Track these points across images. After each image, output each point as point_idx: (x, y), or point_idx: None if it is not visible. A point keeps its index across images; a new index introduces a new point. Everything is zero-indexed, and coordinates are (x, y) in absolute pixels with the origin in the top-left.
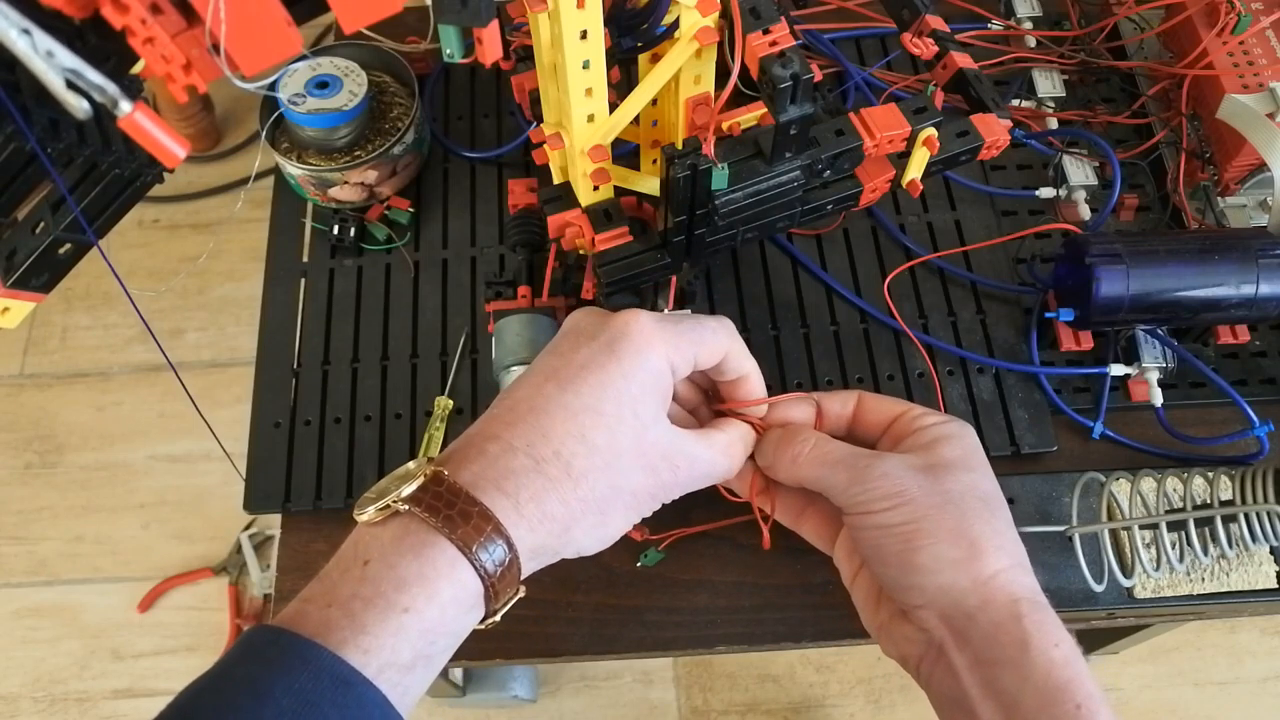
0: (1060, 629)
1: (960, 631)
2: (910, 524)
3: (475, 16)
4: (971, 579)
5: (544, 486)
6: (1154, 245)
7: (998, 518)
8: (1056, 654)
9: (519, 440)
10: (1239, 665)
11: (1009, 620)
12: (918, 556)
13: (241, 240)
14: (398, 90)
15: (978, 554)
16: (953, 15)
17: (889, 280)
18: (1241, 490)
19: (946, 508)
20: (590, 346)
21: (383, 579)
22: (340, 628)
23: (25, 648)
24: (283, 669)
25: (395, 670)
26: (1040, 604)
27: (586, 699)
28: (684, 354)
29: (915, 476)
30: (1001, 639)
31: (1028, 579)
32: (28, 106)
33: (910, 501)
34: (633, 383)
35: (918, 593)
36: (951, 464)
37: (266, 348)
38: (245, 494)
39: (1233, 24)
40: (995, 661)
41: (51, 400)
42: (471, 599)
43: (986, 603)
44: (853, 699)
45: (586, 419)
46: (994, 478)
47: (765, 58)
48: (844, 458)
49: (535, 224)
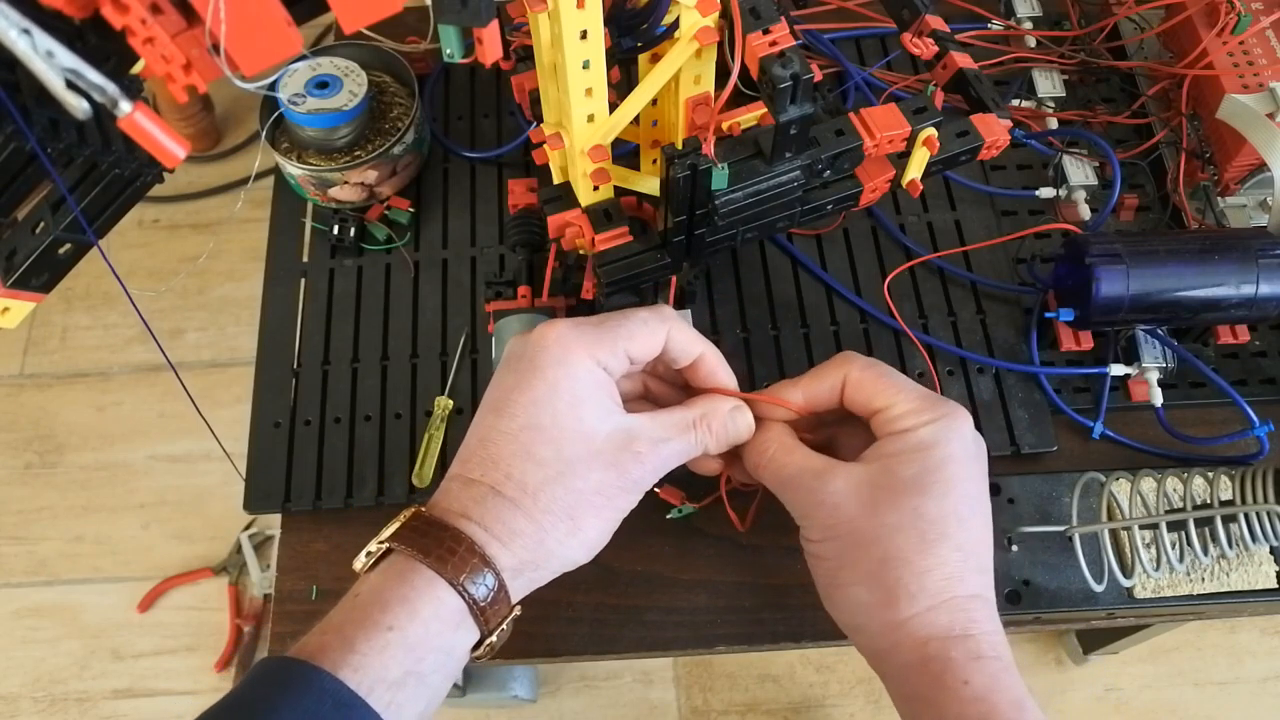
0: (975, 661)
1: (878, 667)
2: (834, 560)
3: (475, 16)
4: (881, 624)
5: (505, 507)
6: (1154, 245)
7: (934, 551)
8: (966, 692)
9: (474, 472)
10: (1239, 665)
11: (917, 663)
12: (836, 595)
13: (241, 240)
14: (398, 90)
15: (891, 601)
16: (953, 15)
17: (889, 280)
18: (1241, 490)
19: (873, 546)
20: (517, 369)
21: (370, 604)
22: (333, 649)
23: (25, 648)
24: (288, 691)
25: (385, 687)
26: (957, 638)
27: (586, 699)
28: (609, 349)
29: (854, 502)
30: (912, 680)
31: (948, 616)
32: (28, 106)
33: (841, 536)
34: (561, 391)
35: (841, 625)
36: (900, 486)
37: (266, 348)
38: (245, 494)
39: (1233, 24)
40: (913, 698)
41: (51, 400)
42: (454, 615)
43: (895, 646)
44: (853, 699)
45: (526, 436)
46: (959, 490)
47: (765, 58)
48: (791, 477)
49: (535, 224)
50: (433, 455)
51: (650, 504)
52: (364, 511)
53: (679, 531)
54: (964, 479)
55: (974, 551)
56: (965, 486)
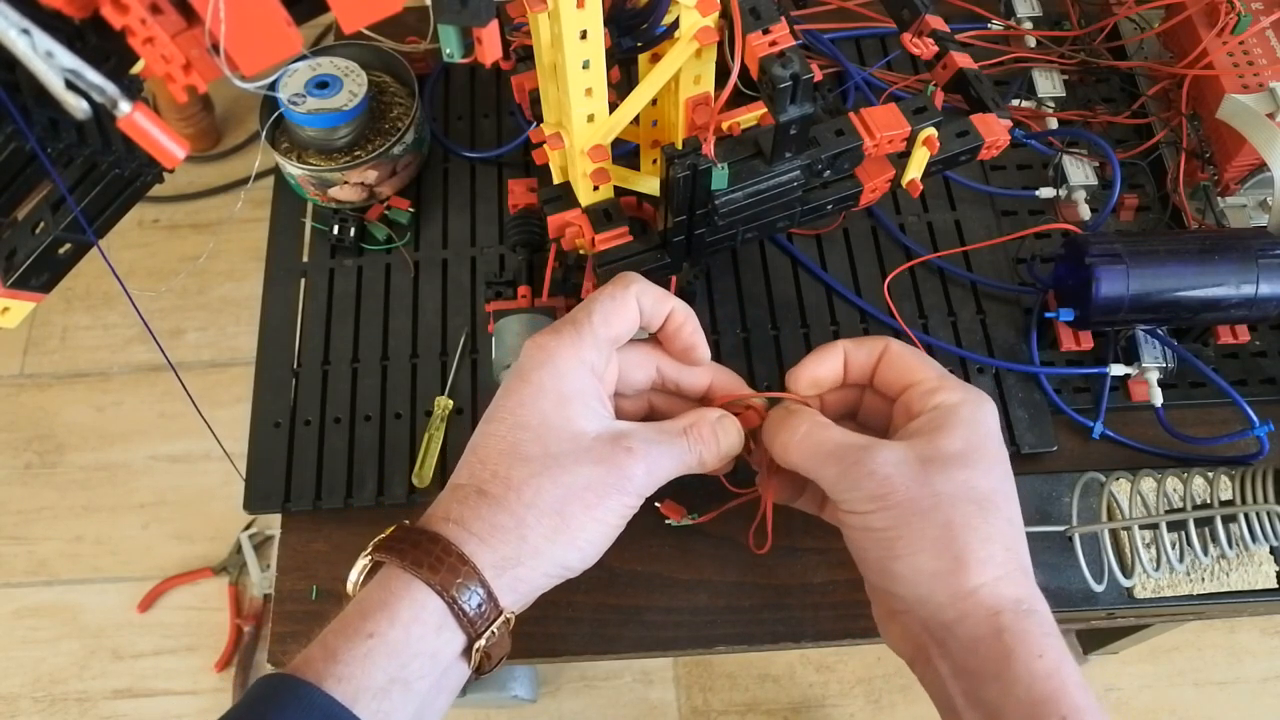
0: (1046, 637)
1: (940, 641)
2: (892, 530)
3: (475, 16)
4: (950, 593)
5: (487, 504)
6: (1154, 245)
7: (992, 521)
8: (1039, 666)
9: (462, 477)
10: (1239, 665)
11: (989, 634)
12: (896, 565)
13: (241, 240)
14: (398, 90)
15: (960, 567)
16: (953, 15)
17: (889, 280)
18: (1241, 490)
19: (933, 514)
20: (507, 384)
21: (352, 613)
22: (318, 661)
23: (25, 648)
24: (280, 708)
25: (370, 696)
26: (1025, 612)
27: (586, 699)
28: (588, 343)
29: (906, 472)
30: (981, 652)
31: (1013, 589)
32: (28, 106)
33: (895, 505)
34: (548, 391)
35: (897, 599)
36: (949, 458)
37: (266, 348)
38: (245, 494)
39: (1233, 24)
40: (977, 673)
41: (51, 400)
42: (434, 617)
43: (965, 616)
44: (853, 699)
45: (514, 436)
46: (1000, 468)
47: (765, 58)
48: (834, 450)
49: (535, 224)
50: (433, 455)
51: (651, 505)
52: (364, 511)
53: (679, 532)
54: (1003, 459)
55: (1021, 530)
56: (1004, 466)
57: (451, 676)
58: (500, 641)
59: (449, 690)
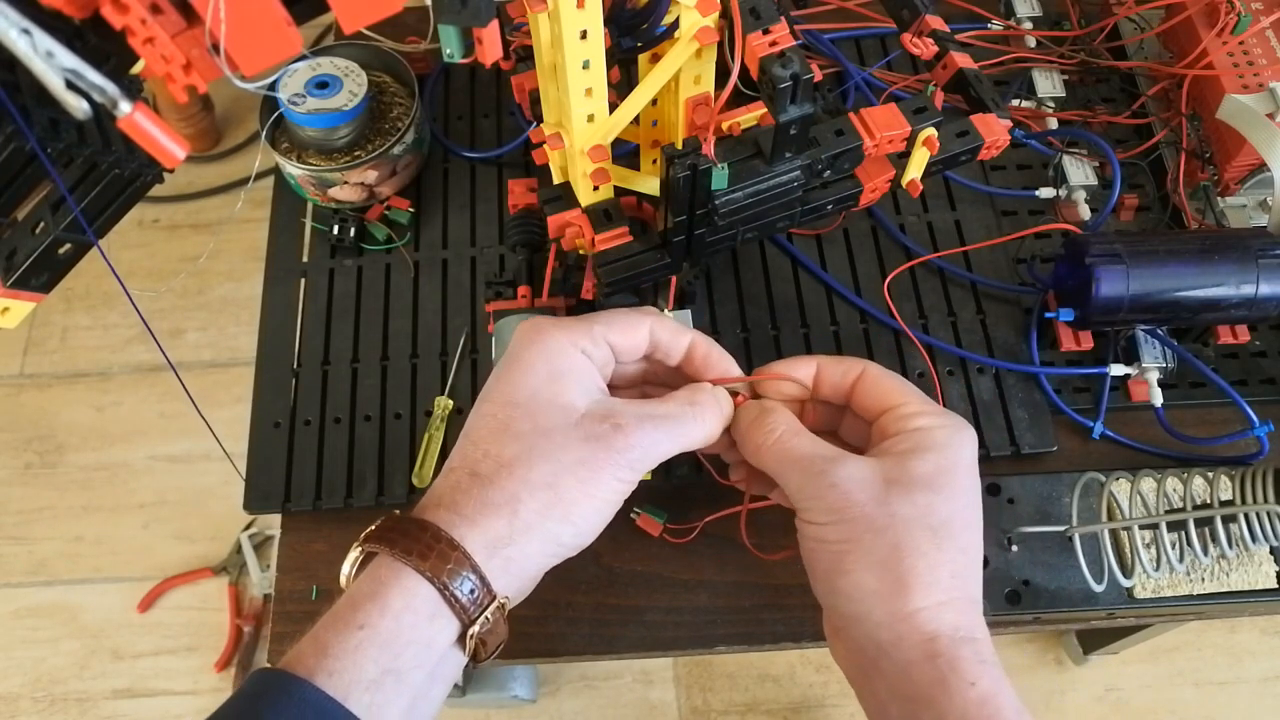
0: (982, 664)
1: (873, 662)
2: (843, 544)
3: (475, 16)
4: (888, 613)
5: (478, 483)
6: (1154, 245)
7: (943, 547)
8: (973, 694)
9: (454, 461)
10: (1239, 665)
11: (922, 659)
12: (841, 580)
13: (241, 240)
14: (398, 90)
15: (901, 589)
16: (953, 15)
17: (889, 280)
18: (1241, 490)
19: (885, 534)
20: (499, 366)
21: (342, 606)
22: (309, 656)
23: (25, 648)
24: (271, 704)
25: (362, 688)
26: (962, 639)
27: (586, 699)
28: (585, 334)
29: (867, 490)
30: (915, 676)
31: (954, 616)
32: (28, 106)
33: (850, 520)
34: (537, 370)
35: (839, 615)
36: (914, 481)
37: (266, 348)
38: (245, 494)
39: (1233, 24)
40: (912, 698)
41: (51, 400)
42: (426, 605)
43: (901, 639)
44: (852, 699)
45: (504, 414)
46: (965, 497)
47: (765, 58)
48: (801, 458)
49: (535, 224)
50: (433, 455)
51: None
52: (364, 511)
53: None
54: (971, 488)
55: (975, 559)
56: (971, 495)
57: (447, 665)
58: (495, 628)
59: (445, 679)
